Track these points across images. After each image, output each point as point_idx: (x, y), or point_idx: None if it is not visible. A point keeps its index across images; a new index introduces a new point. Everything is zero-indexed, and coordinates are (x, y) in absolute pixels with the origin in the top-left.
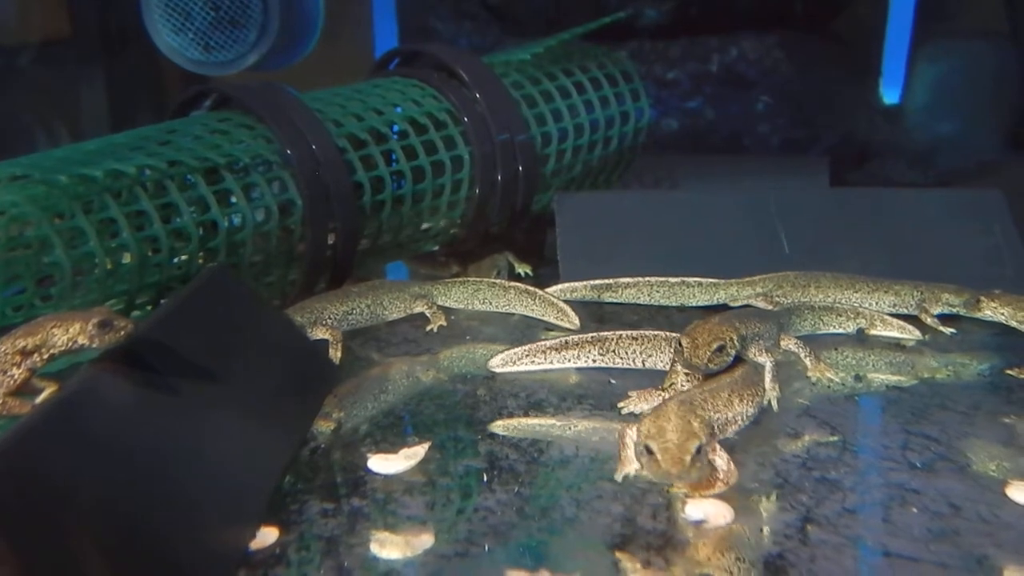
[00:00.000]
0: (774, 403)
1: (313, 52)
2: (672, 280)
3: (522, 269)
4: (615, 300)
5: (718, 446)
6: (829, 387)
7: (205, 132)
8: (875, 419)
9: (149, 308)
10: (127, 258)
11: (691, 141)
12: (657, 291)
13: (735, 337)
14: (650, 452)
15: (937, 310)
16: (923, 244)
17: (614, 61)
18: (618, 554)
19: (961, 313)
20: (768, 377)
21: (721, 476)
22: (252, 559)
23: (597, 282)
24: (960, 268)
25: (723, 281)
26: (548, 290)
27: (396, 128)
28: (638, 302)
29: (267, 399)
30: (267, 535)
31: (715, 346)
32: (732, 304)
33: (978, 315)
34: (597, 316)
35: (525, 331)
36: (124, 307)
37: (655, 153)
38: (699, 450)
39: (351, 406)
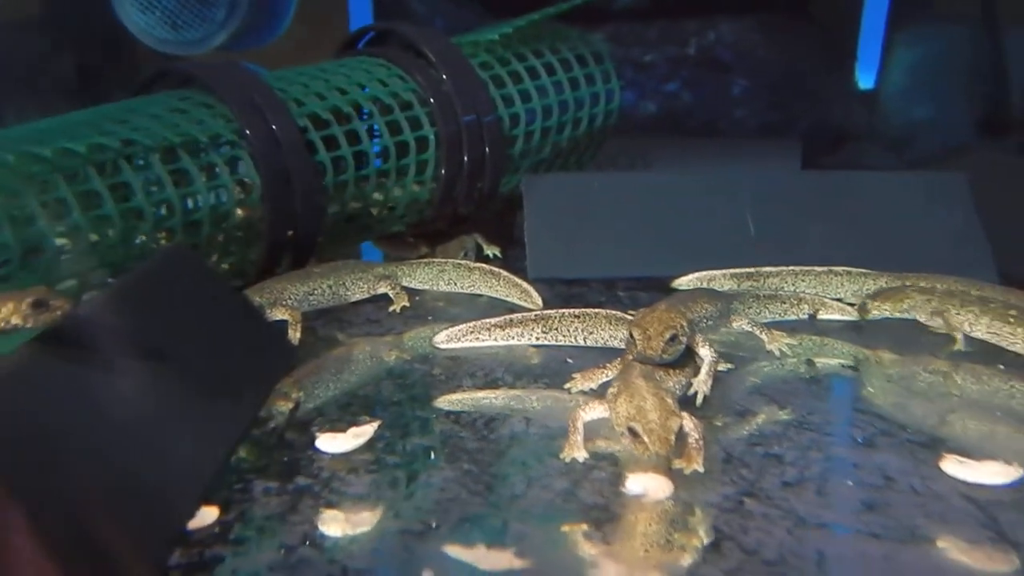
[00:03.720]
0: (699, 397)
1: (288, 32)
2: (818, 269)
3: (491, 251)
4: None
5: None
6: (783, 367)
7: (163, 111)
8: (823, 398)
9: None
10: (95, 237)
11: (668, 124)
12: (802, 280)
13: (684, 324)
14: (634, 434)
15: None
16: (888, 226)
17: (585, 42)
18: (560, 528)
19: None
20: (705, 370)
21: (693, 443)
22: (190, 538)
23: (737, 270)
24: (923, 250)
25: (872, 272)
26: (685, 279)
27: (365, 110)
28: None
29: (218, 379)
30: (207, 514)
31: (668, 336)
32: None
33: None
34: (565, 297)
35: (490, 311)
36: (78, 288)
37: (632, 136)
38: (681, 427)
39: (311, 386)
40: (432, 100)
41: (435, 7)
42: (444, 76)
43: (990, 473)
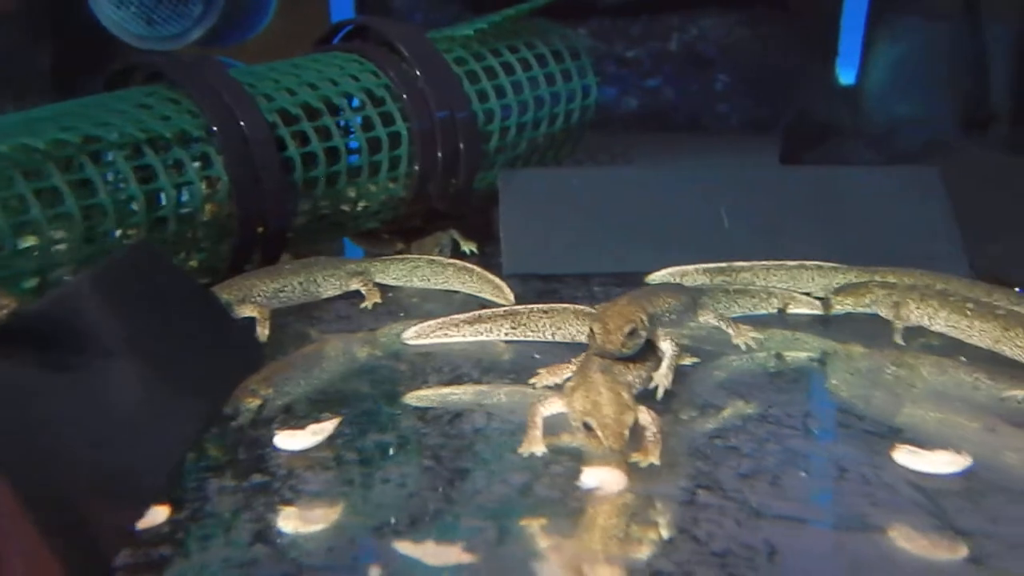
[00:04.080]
0: (660, 391)
1: (269, 27)
2: (789, 264)
3: (467, 247)
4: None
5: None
6: (752, 361)
7: (128, 107)
8: (786, 391)
9: None
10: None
11: (650, 120)
12: (774, 274)
13: (645, 318)
14: (589, 429)
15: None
16: (861, 221)
17: (561, 37)
18: (512, 523)
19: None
20: (666, 364)
21: (651, 437)
22: (138, 538)
23: (710, 265)
24: (896, 244)
25: (843, 266)
26: (661, 272)
27: (354, 102)
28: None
29: (176, 377)
30: (157, 513)
31: (627, 329)
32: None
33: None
34: (540, 292)
35: (463, 308)
36: (40, 286)
37: (613, 132)
38: (634, 421)
39: (281, 383)
40: (405, 96)
41: (416, 2)
42: (418, 72)
43: (940, 463)
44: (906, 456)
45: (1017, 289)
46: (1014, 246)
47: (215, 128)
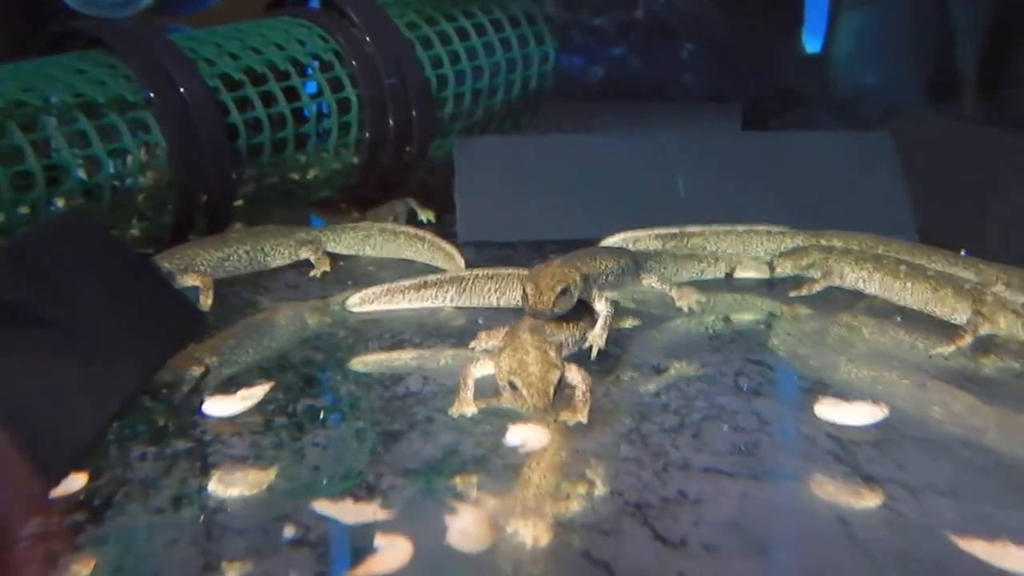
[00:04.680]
0: (594, 351)
1: None
2: (739, 228)
3: (425, 216)
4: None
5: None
6: (699, 323)
7: (62, 72)
8: (723, 352)
9: None
10: None
11: (616, 89)
12: (724, 239)
13: (578, 278)
14: (514, 388)
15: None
16: (814, 186)
17: (517, 3)
18: (432, 480)
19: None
20: (600, 324)
21: (580, 395)
22: (53, 506)
23: (662, 230)
24: (848, 208)
25: (791, 230)
26: (614, 238)
27: (310, 68)
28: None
29: (104, 345)
30: (74, 481)
31: (558, 289)
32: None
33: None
34: (494, 260)
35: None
36: None
37: (579, 101)
38: (560, 380)
39: (226, 352)
40: (354, 61)
41: None
42: (367, 37)
43: (857, 414)
44: (827, 409)
45: (963, 251)
46: (961, 210)
47: (151, 94)
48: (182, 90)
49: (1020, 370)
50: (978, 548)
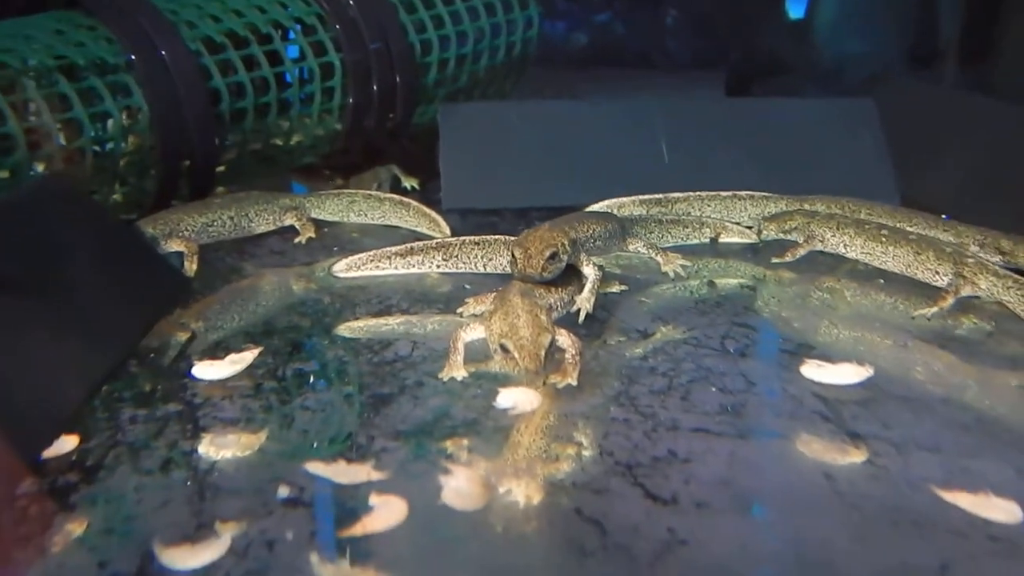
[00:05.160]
0: (582, 314)
1: None
2: (724, 194)
3: (409, 183)
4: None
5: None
6: (685, 288)
7: (39, 33)
8: (709, 315)
9: None
10: None
11: (600, 56)
12: (708, 205)
13: (566, 242)
14: (506, 351)
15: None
16: (798, 151)
17: None
18: (423, 442)
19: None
20: (588, 287)
21: (569, 359)
22: (44, 467)
23: (646, 197)
24: (831, 174)
25: (775, 195)
26: (595, 206)
27: (293, 32)
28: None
29: (90, 310)
30: (65, 443)
31: (547, 254)
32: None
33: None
34: (479, 227)
35: (403, 243)
36: None
37: (563, 68)
38: (551, 343)
39: (212, 317)
40: (338, 25)
41: None
42: (351, 0)
43: (842, 374)
44: (812, 370)
45: (944, 216)
46: (942, 175)
47: (132, 56)
48: (163, 53)
49: (998, 330)
50: (961, 499)
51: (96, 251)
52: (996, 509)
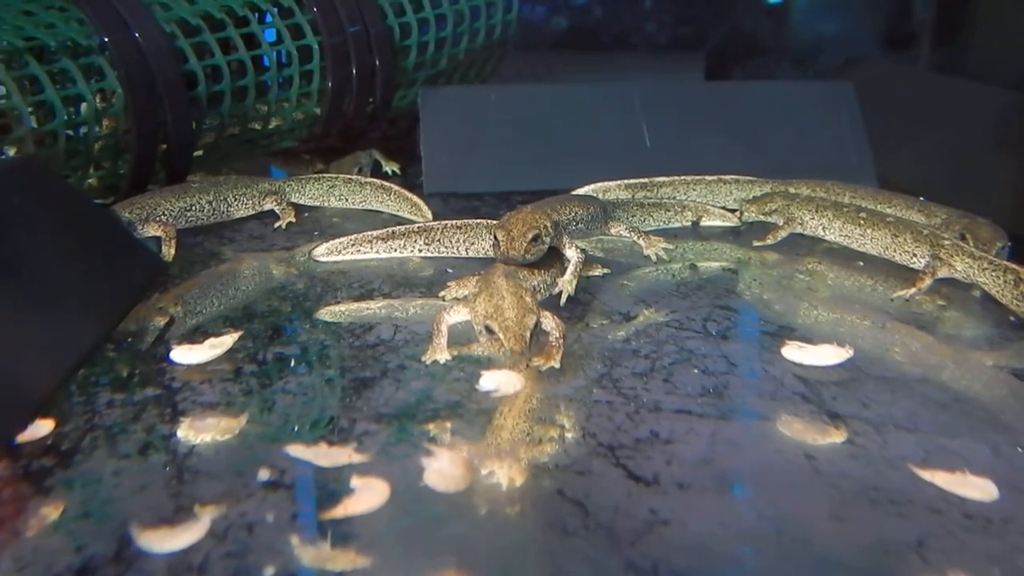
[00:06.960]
0: (563, 297)
1: None
2: (708, 178)
3: (389, 167)
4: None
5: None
6: (667, 271)
7: (7, 13)
8: (691, 297)
9: None
10: None
11: (579, 39)
12: (693, 188)
13: (548, 224)
14: (491, 332)
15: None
16: (778, 134)
17: None
18: (406, 425)
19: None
20: (570, 269)
21: (553, 341)
22: (18, 451)
23: (631, 181)
24: (810, 156)
25: (759, 179)
26: (580, 190)
27: (270, 15)
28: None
29: (65, 294)
30: (40, 427)
31: (530, 236)
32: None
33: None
34: (460, 211)
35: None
36: None
37: (542, 51)
38: (536, 325)
39: (191, 301)
40: (315, 8)
41: None
42: None
43: (823, 355)
44: (793, 351)
45: (922, 198)
46: (920, 157)
47: (104, 38)
48: (137, 35)
49: (974, 310)
50: (939, 478)
51: (70, 234)
52: (972, 487)
